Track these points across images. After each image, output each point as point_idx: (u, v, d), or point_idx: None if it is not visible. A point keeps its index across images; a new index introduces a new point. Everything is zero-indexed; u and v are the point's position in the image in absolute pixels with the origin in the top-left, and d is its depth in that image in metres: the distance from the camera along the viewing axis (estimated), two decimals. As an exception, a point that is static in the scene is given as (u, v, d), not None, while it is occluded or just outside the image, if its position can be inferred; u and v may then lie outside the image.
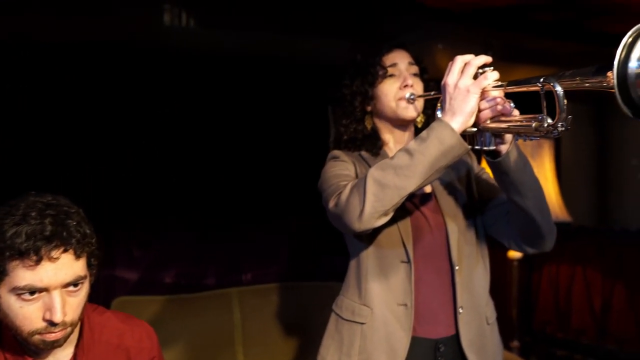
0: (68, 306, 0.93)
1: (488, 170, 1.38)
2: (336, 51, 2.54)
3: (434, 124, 1.02)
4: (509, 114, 0.97)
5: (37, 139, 2.18)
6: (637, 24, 2.49)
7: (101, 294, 2.21)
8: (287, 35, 2.37)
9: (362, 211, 1.03)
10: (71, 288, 0.94)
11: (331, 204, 1.14)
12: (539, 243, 1.15)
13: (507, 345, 2.65)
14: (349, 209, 1.06)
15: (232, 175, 2.60)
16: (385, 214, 1.06)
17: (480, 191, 1.30)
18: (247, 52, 2.52)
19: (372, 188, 1.03)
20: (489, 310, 1.28)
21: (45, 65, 2.19)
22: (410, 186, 1.02)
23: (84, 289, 0.98)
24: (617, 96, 0.67)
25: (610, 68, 0.68)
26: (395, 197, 1.03)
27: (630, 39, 0.66)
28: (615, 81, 0.67)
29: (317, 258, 2.83)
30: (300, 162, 2.71)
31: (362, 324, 1.23)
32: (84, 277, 0.97)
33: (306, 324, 2.46)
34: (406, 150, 1.03)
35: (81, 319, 1.01)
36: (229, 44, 2.39)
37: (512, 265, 2.83)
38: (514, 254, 2.77)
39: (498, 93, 0.99)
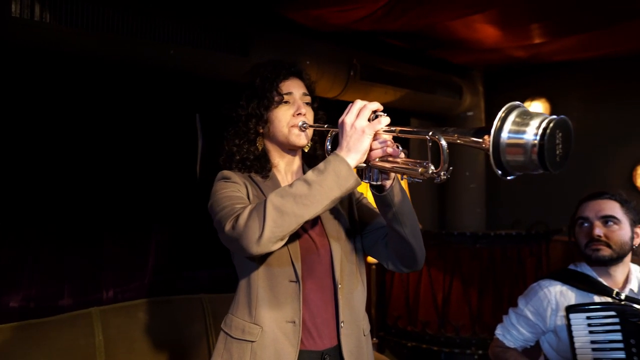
0: None
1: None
2: (204, 61, 2.51)
3: (330, 158, 1.10)
4: (396, 156, 1.10)
5: None
6: (475, 57, 2.92)
7: None
8: (148, 41, 2.26)
9: (260, 236, 1.08)
10: None
11: (227, 227, 1.15)
12: (412, 264, 1.31)
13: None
14: (247, 233, 1.10)
15: (88, 182, 2.41)
16: (282, 239, 1.12)
17: (360, 215, 1.42)
18: (104, 55, 2.33)
19: (271, 214, 1.08)
20: (365, 324, 1.41)
21: None
22: (308, 214, 1.09)
23: None
24: (491, 158, 0.82)
25: (487, 133, 0.82)
26: (293, 224, 1.10)
27: (504, 114, 0.81)
28: (491, 145, 0.81)
29: (182, 271, 2.76)
30: (163, 173, 2.63)
31: (252, 342, 1.26)
32: None
33: (176, 339, 2.40)
34: (305, 180, 1.10)
35: None
36: (85, 44, 2.19)
37: (370, 269, 3.08)
38: (372, 259, 3.02)
39: (388, 136, 1.10)
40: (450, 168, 0.94)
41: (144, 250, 2.63)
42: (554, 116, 0.78)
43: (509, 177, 0.85)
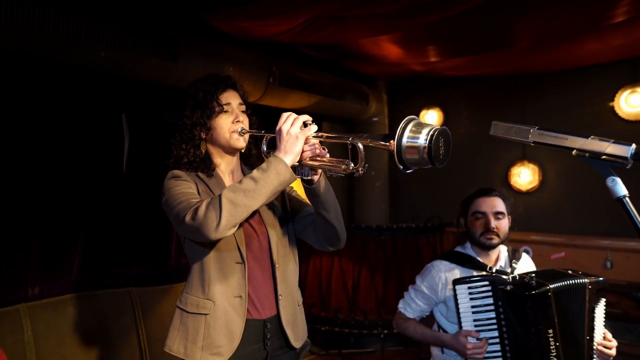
0: None
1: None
2: (134, 64, 2.62)
3: (271, 159, 1.36)
4: (323, 156, 1.39)
5: None
6: (379, 69, 3.38)
7: None
8: (79, 42, 2.31)
9: (218, 224, 1.32)
10: None
11: (187, 218, 1.37)
12: (336, 243, 1.61)
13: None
14: (207, 223, 1.33)
15: (13, 179, 2.43)
16: (235, 226, 1.37)
17: (292, 206, 1.70)
18: (33, 54, 2.35)
19: (226, 206, 1.32)
20: (298, 296, 1.70)
21: None
22: (256, 205, 1.35)
23: None
24: (395, 157, 1.13)
25: (392, 138, 1.13)
26: (244, 213, 1.35)
27: (404, 124, 1.12)
28: (395, 147, 1.12)
29: (109, 268, 2.83)
30: (90, 172, 2.70)
31: (206, 314, 1.50)
32: None
33: (106, 331, 2.49)
34: (251, 178, 1.35)
35: None
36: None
37: (289, 260, 3.35)
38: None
39: (316, 141, 1.39)
40: (366, 165, 1.24)
41: (71, 247, 2.67)
42: (438, 127, 1.12)
43: (407, 171, 1.17)
